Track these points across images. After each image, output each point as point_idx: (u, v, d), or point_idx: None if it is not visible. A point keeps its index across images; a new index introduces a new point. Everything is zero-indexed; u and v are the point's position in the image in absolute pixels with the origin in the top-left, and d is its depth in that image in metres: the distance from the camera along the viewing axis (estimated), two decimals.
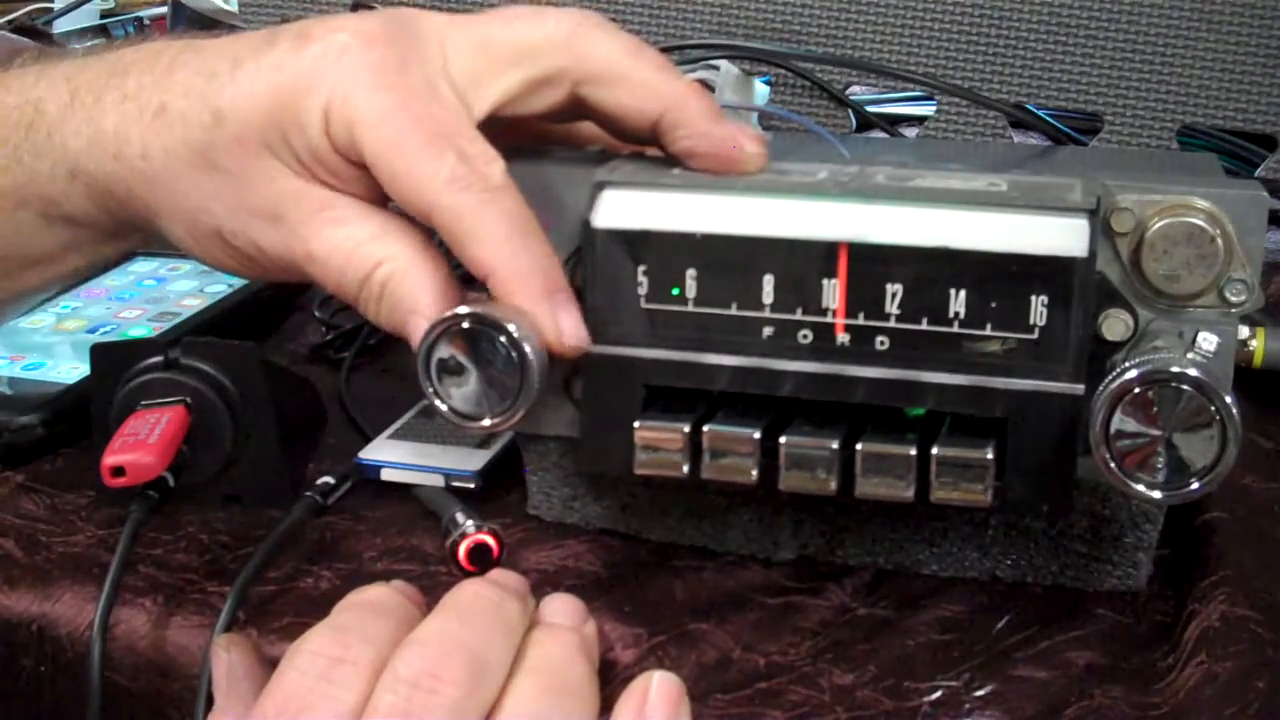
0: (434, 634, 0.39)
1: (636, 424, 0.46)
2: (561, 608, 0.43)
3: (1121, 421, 0.42)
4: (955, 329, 0.44)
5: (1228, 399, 0.41)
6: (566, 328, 0.45)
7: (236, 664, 0.43)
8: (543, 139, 0.52)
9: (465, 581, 0.42)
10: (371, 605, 0.41)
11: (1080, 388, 0.43)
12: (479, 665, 0.38)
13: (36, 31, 1.17)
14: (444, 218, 0.44)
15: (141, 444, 0.50)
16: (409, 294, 0.45)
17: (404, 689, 0.37)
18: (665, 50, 0.49)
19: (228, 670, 0.43)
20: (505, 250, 0.45)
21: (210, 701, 0.44)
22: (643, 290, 0.46)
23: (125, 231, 0.50)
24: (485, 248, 0.44)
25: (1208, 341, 0.44)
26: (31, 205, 0.49)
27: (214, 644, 0.43)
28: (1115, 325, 0.44)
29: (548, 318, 0.45)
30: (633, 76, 0.47)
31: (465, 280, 0.47)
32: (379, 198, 0.47)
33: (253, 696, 0.41)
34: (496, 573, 0.44)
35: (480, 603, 0.41)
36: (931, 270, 0.44)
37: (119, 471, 0.49)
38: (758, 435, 0.45)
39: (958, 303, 0.44)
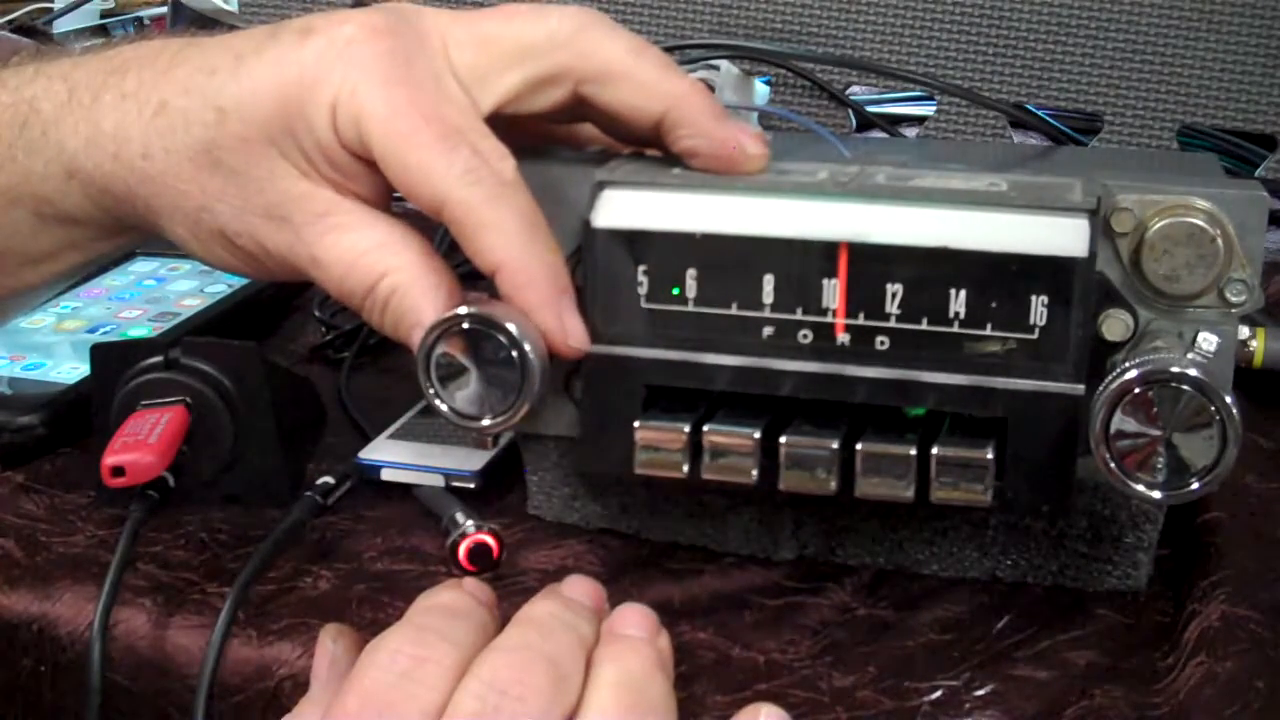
0: (516, 643, 0.38)
1: (636, 424, 0.46)
2: (634, 619, 0.41)
3: (1121, 421, 0.42)
4: (955, 329, 0.44)
5: (1228, 399, 0.41)
6: (572, 329, 0.45)
7: (340, 658, 0.41)
8: (543, 139, 0.52)
9: (538, 598, 0.41)
10: (448, 608, 0.40)
11: (1080, 388, 0.43)
12: (560, 676, 0.37)
13: (36, 31, 1.17)
14: (456, 211, 0.44)
15: (141, 444, 0.50)
16: (413, 307, 0.45)
17: (492, 696, 0.36)
18: (665, 50, 0.49)
19: (331, 661, 0.41)
20: (516, 245, 0.44)
21: (212, 699, 0.44)
22: (643, 290, 0.46)
23: (124, 230, 0.50)
24: (497, 242, 0.44)
25: (1208, 341, 0.44)
26: (25, 204, 0.48)
27: (322, 632, 0.42)
28: (1115, 325, 0.44)
29: (554, 318, 0.45)
30: (636, 75, 0.47)
31: (465, 279, 0.47)
32: (383, 196, 0.47)
33: None
34: (571, 585, 0.43)
35: (555, 621, 0.40)
36: (931, 270, 0.44)
37: (119, 471, 0.49)
38: (758, 435, 0.45)
39: (958, 303, 0.44)
